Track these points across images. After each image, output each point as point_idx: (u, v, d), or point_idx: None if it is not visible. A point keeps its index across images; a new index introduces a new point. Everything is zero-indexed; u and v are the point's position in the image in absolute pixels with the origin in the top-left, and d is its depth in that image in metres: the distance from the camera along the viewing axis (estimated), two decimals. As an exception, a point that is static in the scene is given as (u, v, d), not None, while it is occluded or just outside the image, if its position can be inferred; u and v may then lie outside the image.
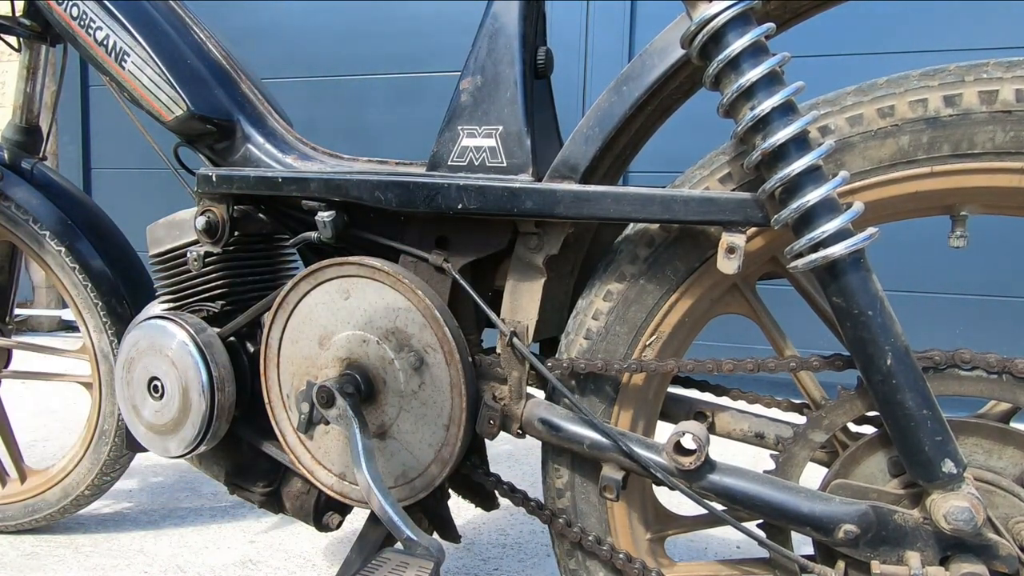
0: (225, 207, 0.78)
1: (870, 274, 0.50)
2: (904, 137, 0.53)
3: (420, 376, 0.69)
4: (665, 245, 0.63)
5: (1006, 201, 0.53)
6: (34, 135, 1.07)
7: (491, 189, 0.64)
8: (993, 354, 0.52)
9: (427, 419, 0.69)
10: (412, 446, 0.70)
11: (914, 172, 0.53)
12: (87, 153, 2.94)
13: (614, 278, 0.65)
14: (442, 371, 0.67)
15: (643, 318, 0.64)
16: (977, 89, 0.51)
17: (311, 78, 2.61)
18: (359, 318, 0.70)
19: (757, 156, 0.51)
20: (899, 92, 0.53)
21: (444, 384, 0.67)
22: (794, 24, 0.66)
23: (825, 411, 0.58)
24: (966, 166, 0.52)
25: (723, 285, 0.63)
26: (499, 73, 0.67)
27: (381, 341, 0.70)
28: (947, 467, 0.49)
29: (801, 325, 1.91)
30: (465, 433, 0.67)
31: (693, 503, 0.59)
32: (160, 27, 0.82)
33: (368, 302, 0.70)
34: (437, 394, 0.68)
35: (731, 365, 0.59)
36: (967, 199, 0.54)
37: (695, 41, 0.52)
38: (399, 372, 0.69)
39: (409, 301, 0.68)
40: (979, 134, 0.51)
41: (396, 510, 0.64)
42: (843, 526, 0.54)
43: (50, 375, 1.18)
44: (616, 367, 0.63)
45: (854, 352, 0.52)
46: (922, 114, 0.52)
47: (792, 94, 0.50)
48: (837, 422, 0.58)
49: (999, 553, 0.51)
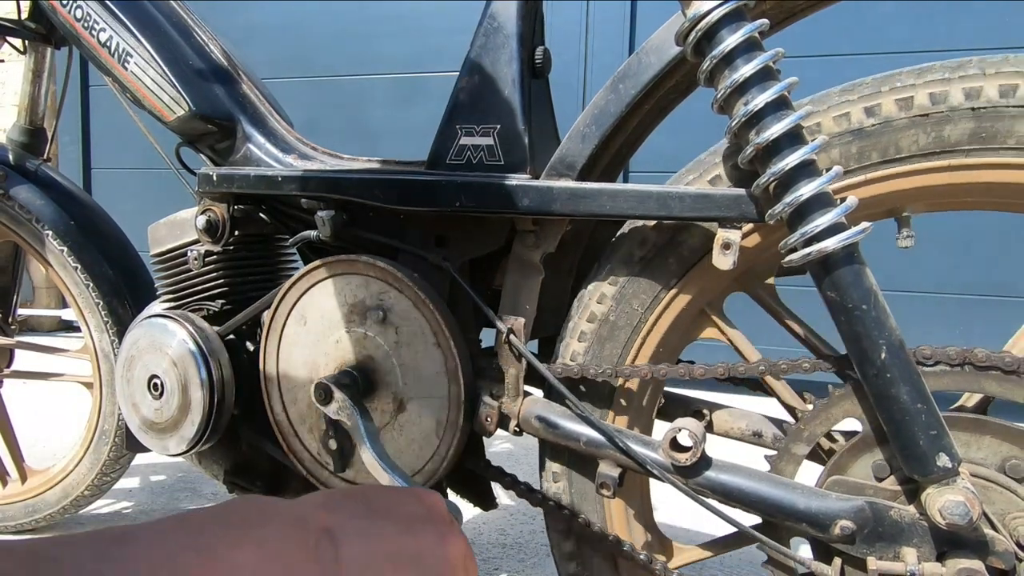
0: (226, 206, 0.79)
1: (864, 268, 0.50)
2: (835, 150, 0.56)
3: (418, 373, 0.69)
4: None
5: (943, 198, 0.56)
6: (38, 136, 1.08)
7: (488, 186, 0.65)
8: (953, 348, 0.53)
9: (424, 416, 0.69)
10: (410, 443, 0.70)
11: (849, 182, 0.56)
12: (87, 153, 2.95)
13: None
14: (440, 369, 0.68)
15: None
16: (894, 98, 0.54)
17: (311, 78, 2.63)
18: (358, 315, 0.71)
19: (751, 151, 0.52)
20: (822, 110, 0.56)
21: (442, 381, 0.68)
22: (789, 24, 0.66)
23: (803, 422, 0.59)
24: (897, 170, 0.55)
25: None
26: (497, 72, 0.68)
27: (379, 338, 0.70)
28: (942, 461, 0.49)
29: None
30: (462, 430, 0.67)
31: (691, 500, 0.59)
32: (162, 28, 0.83)
33: (367, 300, 0.70)
34: (435, 391, 0.68)
35: (702, 371, 0.60)
36: (906, 201, 0.56)
37: (689, 37, 0.53)
38: (397, 369, 0.70)
39: (408, 299, 0.68)
40: (903, 139, 0.54)
41: (406, 483, 0.64)
42: (839, 522, 0.54)
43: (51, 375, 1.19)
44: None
45: (848, 346, 0.52)
46: (847, 127, 0.55)
47: (785, 89, 0.50)
48: (818, 431, 0.58)
49: (996, 549, 0.51)
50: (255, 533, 0.32)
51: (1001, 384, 0.53)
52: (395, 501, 0.39)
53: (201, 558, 0.29)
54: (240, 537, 0.31)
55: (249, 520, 0.33)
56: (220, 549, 0.30)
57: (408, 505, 0.39)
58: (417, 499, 0.40)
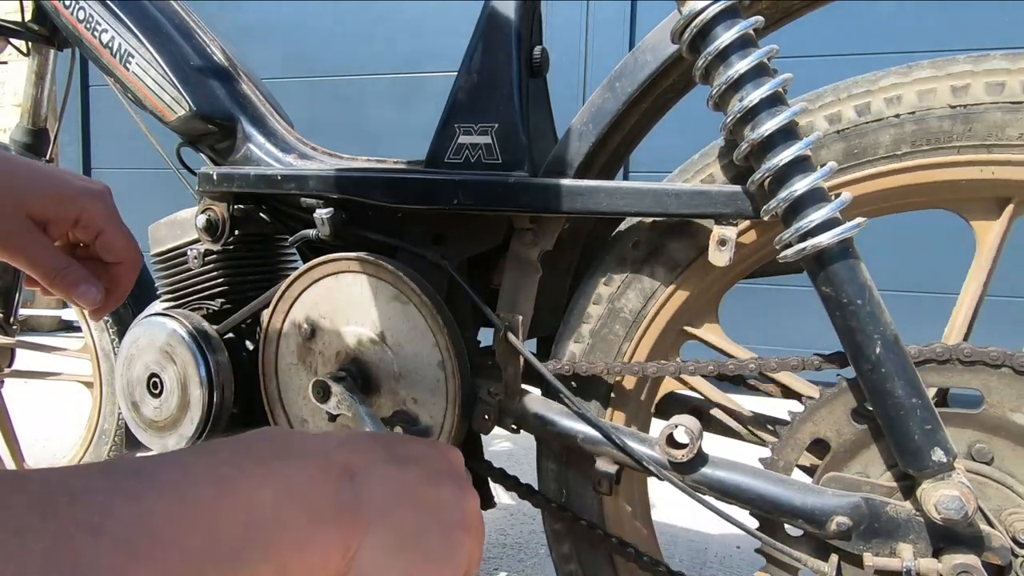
0: (226, 205, 0.79)
1: (858, 263, 0.51)
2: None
3: (415, 372, 0.69)
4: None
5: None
6: (40, 137, 1.09)
7: (486, 184, 0.65)
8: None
9: (422, 414, 0.69)
10: (408, 441, 0.71)
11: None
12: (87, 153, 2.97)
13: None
14: (437, 366, 0.68)
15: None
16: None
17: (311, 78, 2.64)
18: (356, 313, 0.71)
19: (746, 147, 0.52)
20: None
21: (440, 379, 0.68)
22: (785, 23, 0.66)
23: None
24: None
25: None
26: (495, 71, 0.68)
27: (378, 336, 0.70)
28: (937, 455, 0.49)
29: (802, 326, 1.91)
30: (459, 428, 0.68)
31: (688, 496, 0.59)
32: (164, 29, 0.83)
33: (365, 297, 0.70)
34: (432, 389, 0.68)
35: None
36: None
37: (684, 34, 0.53)
38: (394, 367, 0.70)
39: (406, 297, 0.68)
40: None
41: None
42: (835, 518, 0.54)
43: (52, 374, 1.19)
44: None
45: (844, 341, 0.52)
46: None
47: (779, 86, 0.50)
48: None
49: (991, 544, 0.51)
50: (276, 467, 0.31)
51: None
52: (418, 451, 0.39)
53: (219, 492, 0.28)
54: (261, 472, 0.30)
55: (272, 454, 0.32)
56: (240, 484, 0.29)
57: (430, 457, 0.39)
58: (439, 452, 0.40)
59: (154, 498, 0.26)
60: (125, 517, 0.24)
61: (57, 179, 0.55)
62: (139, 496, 0.26)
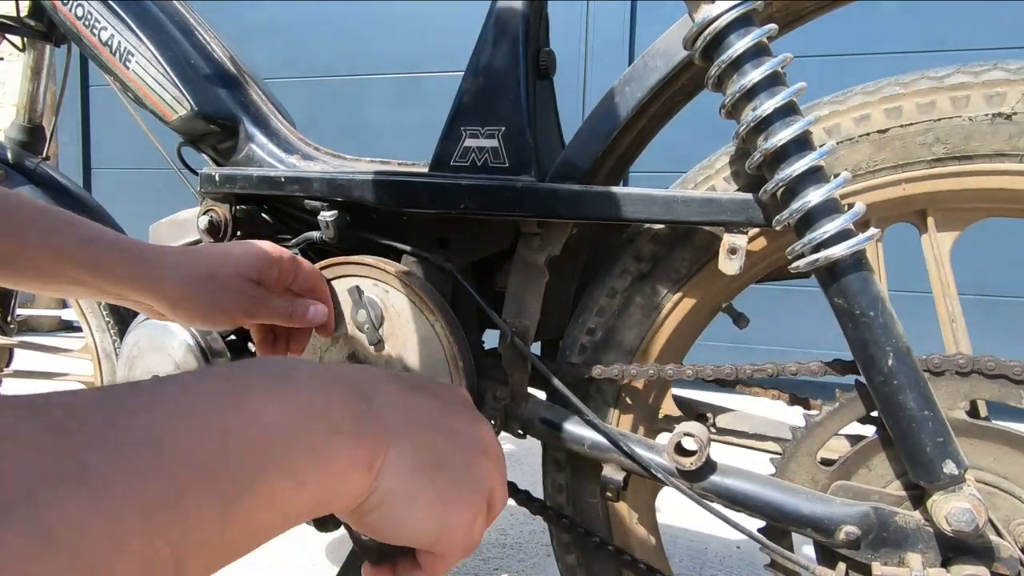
0: (228, 207, 0.78)
1: (871, 274, 0.50)
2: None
3: (420, 375, 0.69)
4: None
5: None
6: (37, 134, 1.07)
7: (493, 189, 0.64)
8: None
9: (428, 419, 0.69)
10: (413, 446, 0.70)
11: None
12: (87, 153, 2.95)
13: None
14: (442, 370, 0.67)
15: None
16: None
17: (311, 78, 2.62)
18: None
19: (759, 157, 0.51)
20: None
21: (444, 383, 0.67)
22: (797, 26, 0.66)
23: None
24: None
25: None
26: (502, 74, 0.67)
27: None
28: (948, 468, 0.49)
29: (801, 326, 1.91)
30: (466, 433, 0.67)
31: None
32: (165, 27, 0.82)
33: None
34: (438, 394, 0.68)
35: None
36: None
37: (697, 42, 0.53)
38: (398, 370, 0.69)
39: (410, 300, 0.68)
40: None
41: None
42: (844, 527, 0.54)
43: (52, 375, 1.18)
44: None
45: (855, 352, 0.52)
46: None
47: (793, 95, 0.50)
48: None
49: (1000, 555, 0.51)
50: (290, 384, 0.29)
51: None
52: (428, 384, 0.39)
53: (228, 404, 0.26)
54: (274, 387, 0.29)
55: (283, 373, 0.30)
56: (249, 398, 0.27)
57: (441, 390, 0.39)
58: (449, 387, 0.41)
59: (158, 412, 0.24)
60: (129, 430, 0.23)
61: (246, 250, 0.62)
62: (141, 410, 0.24)
